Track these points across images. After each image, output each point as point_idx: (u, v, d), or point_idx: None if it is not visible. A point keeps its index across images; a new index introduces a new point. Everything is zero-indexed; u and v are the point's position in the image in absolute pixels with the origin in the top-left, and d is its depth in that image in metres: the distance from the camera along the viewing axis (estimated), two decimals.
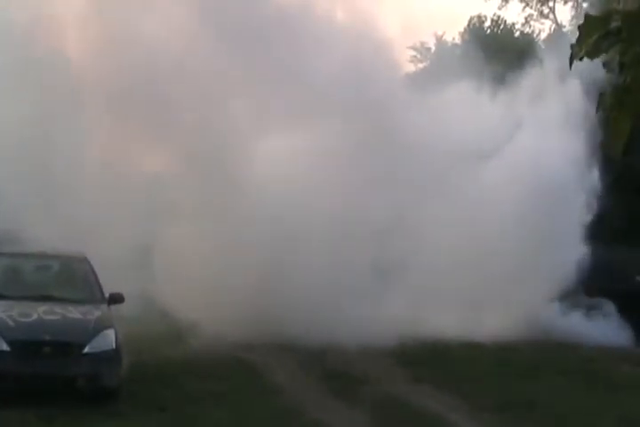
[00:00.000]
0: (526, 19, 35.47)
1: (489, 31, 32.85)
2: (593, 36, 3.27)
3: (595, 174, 17.68)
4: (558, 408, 10.61)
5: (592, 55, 3.30)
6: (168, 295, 13.40)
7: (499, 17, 33.69)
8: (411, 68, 29.61)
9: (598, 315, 17.55)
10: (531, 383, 11.92)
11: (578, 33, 3.31)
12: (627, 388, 12.18)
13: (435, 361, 13.13)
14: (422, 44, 34.13)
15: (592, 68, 3.63)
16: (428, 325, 14.34)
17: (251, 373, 11.79)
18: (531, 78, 17.82)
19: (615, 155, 3.41)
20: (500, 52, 25.19)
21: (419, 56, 33.97)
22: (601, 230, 21.17)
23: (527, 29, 34.94)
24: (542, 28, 35.18)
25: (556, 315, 17.06)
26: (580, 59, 3.31)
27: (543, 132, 17.10)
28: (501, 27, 33.19)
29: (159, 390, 10.26)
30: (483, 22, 33.31)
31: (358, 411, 10.15)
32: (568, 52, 3.47)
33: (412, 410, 10.25)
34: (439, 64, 24.51)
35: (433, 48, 34.42)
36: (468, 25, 33.16)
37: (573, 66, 3.28)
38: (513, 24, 34.37)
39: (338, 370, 12.24)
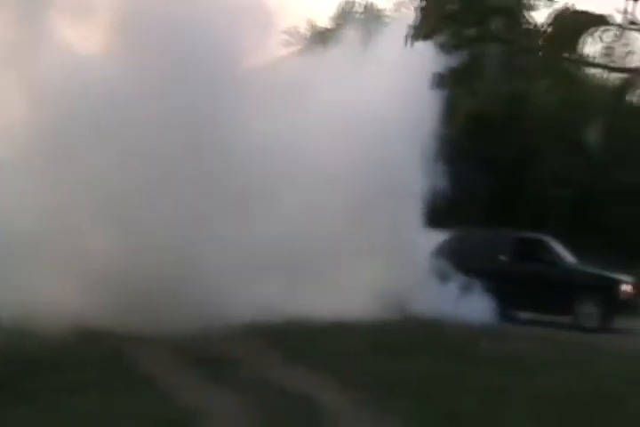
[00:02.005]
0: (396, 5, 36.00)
1: (360, 16, 33.25)
2: (431, 18, 3.33)
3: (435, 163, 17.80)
4: (426, 385, 10.92)
5: (429, 37, 3.36)
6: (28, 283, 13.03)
7: (368, 2, 34.12)
8: (283, 51, 29.63)
9: (465, 294, 18.19)
10: (400, 362, 12.20)
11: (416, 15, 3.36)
12: (490, 363, 12.66)
13: (305, 342, 13.27)
14: (294, 27, 34.31)
15: (430, 48, 3.69)
16: (296, 305, 14.49)
17: (120, 361, 11.59)
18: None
19: (456, 133, 3.46)
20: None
21: (291, 40, 34.11)
22: (467, 212, 21.88)
23: (398, 15, 35.42)
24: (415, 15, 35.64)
25: (425, 294, 17.55)
26: (419, 39, 3.37)
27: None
28: (372, 12, 33.60)
29: (21, 380, 9.98)
30: (352, 8, 33.65)
31: (231, 395, 10.14)
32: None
33: (284, 391, 10.32)
34: (311, 47, 24.55)
35: (305, 32, 34.67)
36: (338, 10, 33.51)
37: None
38: (384, 9, 34.91)
39: (210, 354, 12.21)
